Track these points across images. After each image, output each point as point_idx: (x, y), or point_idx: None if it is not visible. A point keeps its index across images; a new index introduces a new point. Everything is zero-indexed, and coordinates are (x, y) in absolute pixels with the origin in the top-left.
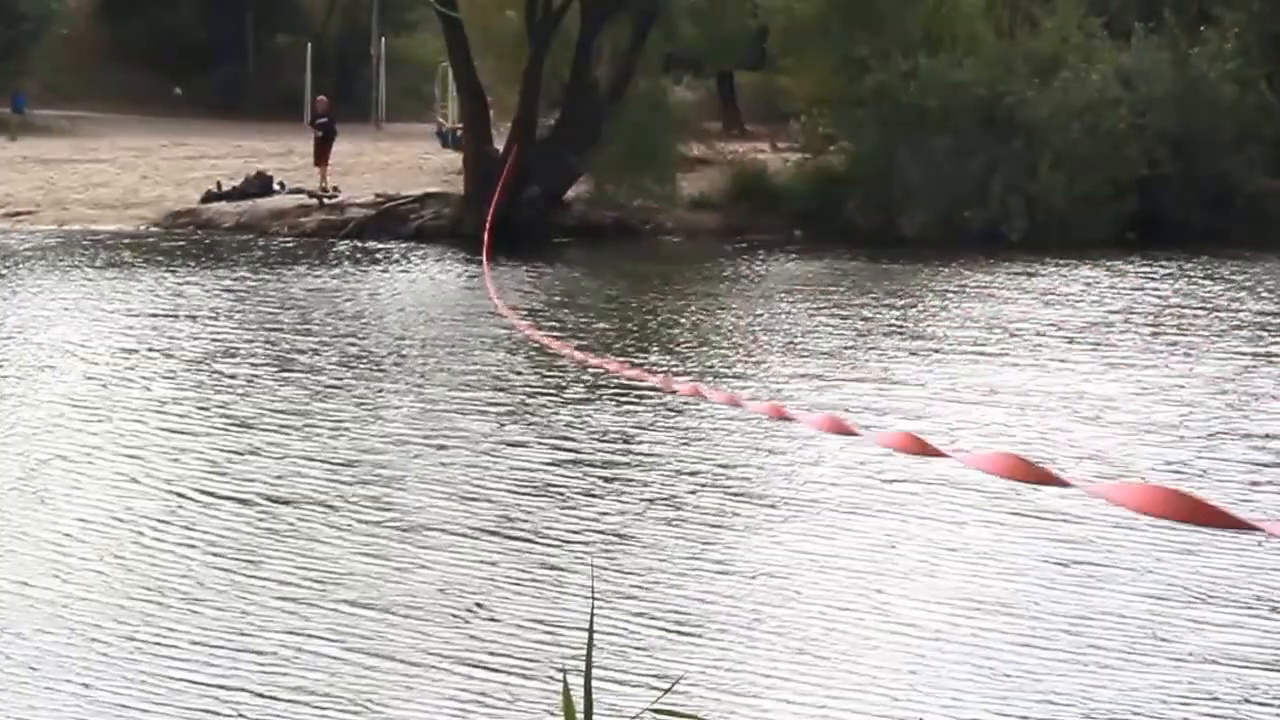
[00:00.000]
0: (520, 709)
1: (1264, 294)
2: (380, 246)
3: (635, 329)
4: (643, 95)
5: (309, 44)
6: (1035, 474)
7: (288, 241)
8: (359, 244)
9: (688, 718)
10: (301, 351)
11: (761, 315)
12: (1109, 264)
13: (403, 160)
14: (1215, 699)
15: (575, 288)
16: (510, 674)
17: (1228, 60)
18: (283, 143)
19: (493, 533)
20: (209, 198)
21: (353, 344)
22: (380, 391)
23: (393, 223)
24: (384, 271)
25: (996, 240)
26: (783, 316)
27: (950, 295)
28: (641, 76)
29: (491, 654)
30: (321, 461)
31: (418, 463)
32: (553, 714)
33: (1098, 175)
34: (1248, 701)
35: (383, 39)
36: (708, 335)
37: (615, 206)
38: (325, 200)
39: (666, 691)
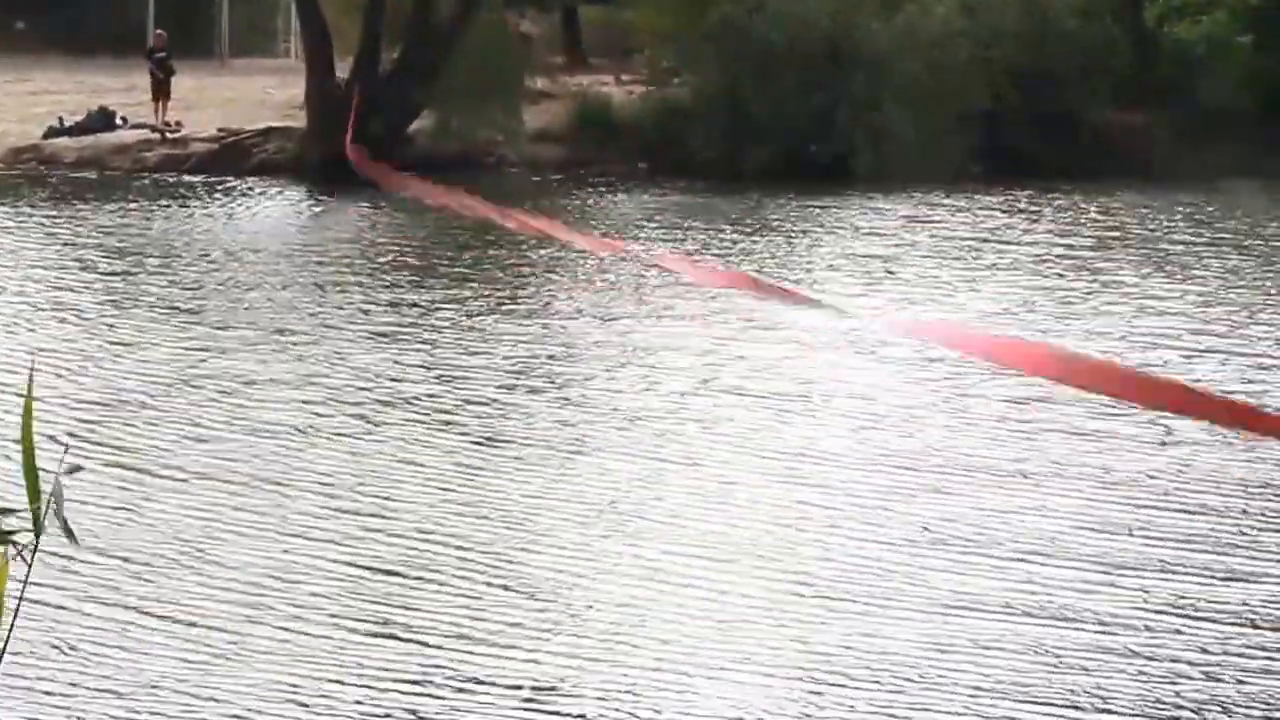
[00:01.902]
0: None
1: (1069, 226)
2: (221, 181)
3: (527, 263)
4: (485, 28)
5: None
6: (768, 289)
7: (117, 176)
8: (201, 178)
9: None
10: (77, 290)
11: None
12: (933, 198)
13: (247, 96)
14: (970, 646)
15: (419, 222)
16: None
17: None
18: (126, 78)
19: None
20: (51, 133)
21: (138, 282)
22: (144, 330)
23: (236, 157)
24: (218, 206)
25: (841, 174)
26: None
27: (771, 230)
28: (485, 10)
29: (216, 601)
30: (65, 398)
31: (162, 402)
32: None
33: (942, 108)
34: (992, 649)
35: None
36: (605, 269)
37: (458, 140)
38: (168, 135)
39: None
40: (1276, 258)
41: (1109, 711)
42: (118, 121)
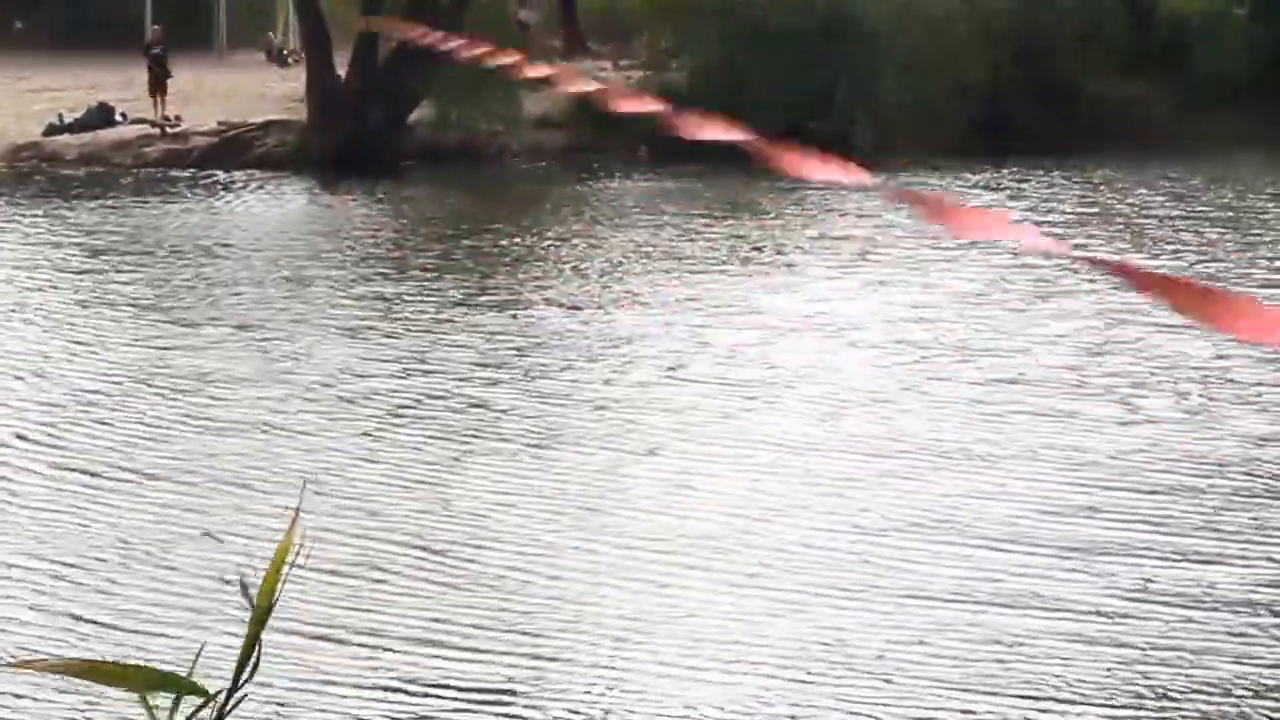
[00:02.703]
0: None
1: (1051, 202)
2: (222, 175)
3: (502, 253)
4: (484, 16)
5: None
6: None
7: (111, 172)
8: (192, 173)
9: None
10: (46, 289)
11: (616, 239)
12: (922, 175)
13: (245, 88)
14: (929, 634)
15: (432, 212)
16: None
17: None
18: (125, 74)
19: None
20: (51, 131)
21: (108, 281)
22: (108, 329)
23: (236, 151)
24: (203, 202)
25: (842, 151)
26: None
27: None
28: None
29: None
30: (23, 400)
31: (120, 402)
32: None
33: (940, 82)
34: (951, 637)
35: None
36: (582, 258)
37: (459, 129)
38: (168, 130)
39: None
40: (1257, 231)
41: (1069, 700)
42: (117, 117)
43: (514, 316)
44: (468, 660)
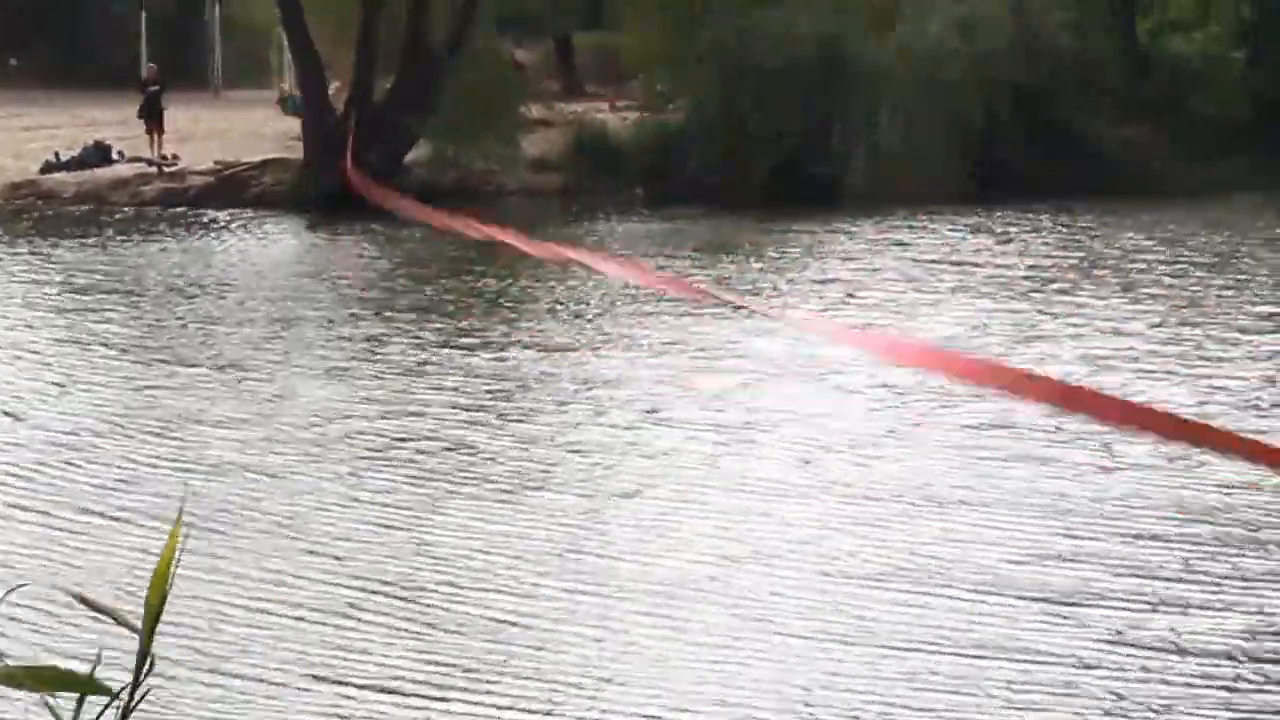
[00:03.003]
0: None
1: (1039, 247)
2: (218, 214)
3: (486, 295)
4: (480, 57)
5: (143, 11)
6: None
7: (108, 210)
8: (184, 211)
9: None
10: (33, 327)
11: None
12: (913, 220)
13: (242, 127)
14: (903, 681)
15: (420, 254)
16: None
17: (1065, 9)
18: (120, 112)
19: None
20: (47, 168)
21: (94, 320)
22: (92, 368)
23: (233, 190)
24: (194, 240)
25: (838, 193)
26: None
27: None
28: (478, 38)
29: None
30: (2, 441)
31: (102, 442)
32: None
33: (937, 126)
34: (922, 685)
35: (216, 6)
36: (563, 301)
37: (455, 169)
38: (165, 168)
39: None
40: (1244, 276)
41: None
42: (114, 156)
43: (496, 358)
44: (439, 707)
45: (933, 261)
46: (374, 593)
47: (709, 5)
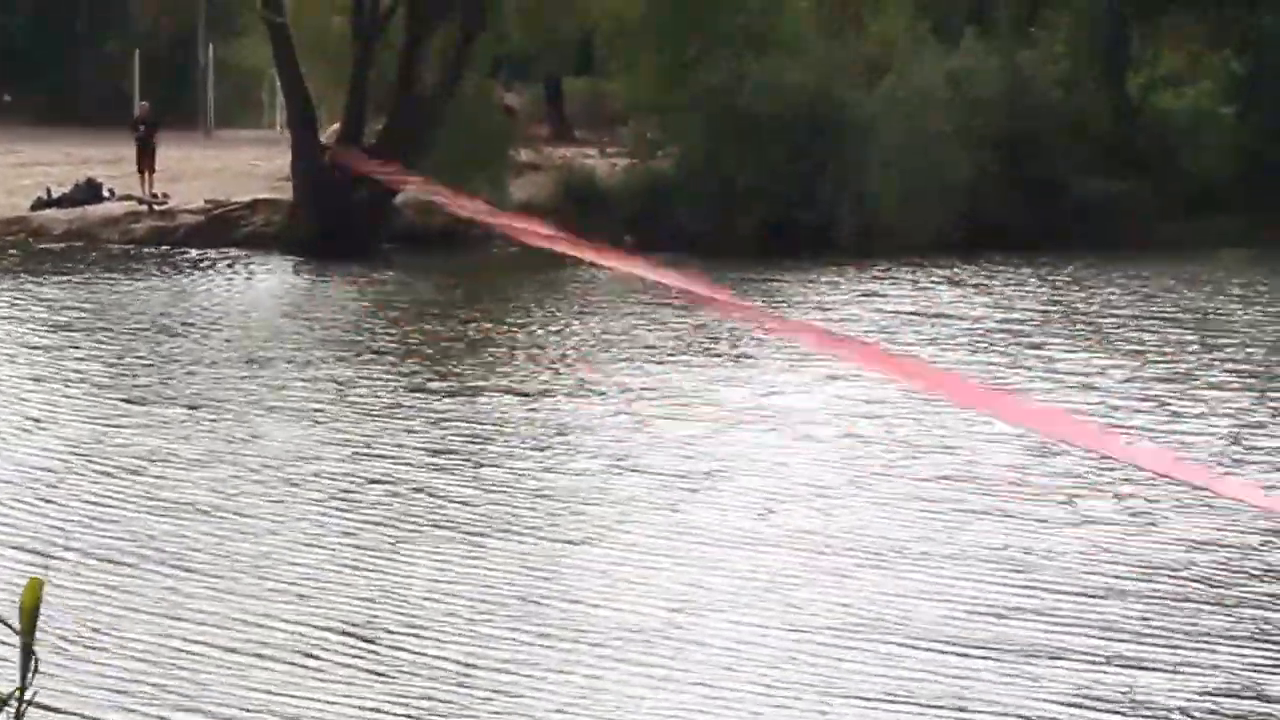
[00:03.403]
0: None
1: (1015, 299)
2: (207, 253)
3: (463, 339)
4: (470, 101)
5: (137, 50)
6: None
7: (108, 249)
8: (186, 251)
9: None
10: (13, 362)
11: (578, 327)
12: (894, 271)
13: (232, 166)
14: None
15: (398, 296)
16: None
17: (1056, 62)
18: (113, 150)
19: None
20: (38, 205)
21: (64, 357)
22: (59, 406)
23: (223, 229)
24: (175, 279)
25: (825, 242)
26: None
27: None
28: (469, 82)
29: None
30: None
31: (65, 480)
32: None
33: (924, 177)
34: None
35: (210, 45)
36: (541, 346)
37: (444, 211)
38: (155, 207)
39: None
40: (1218, 333)
41: None
42: (105, 193)
43: (466, 403)
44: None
45: (910, 313)
46: (337, 634)
47: (699, 54)
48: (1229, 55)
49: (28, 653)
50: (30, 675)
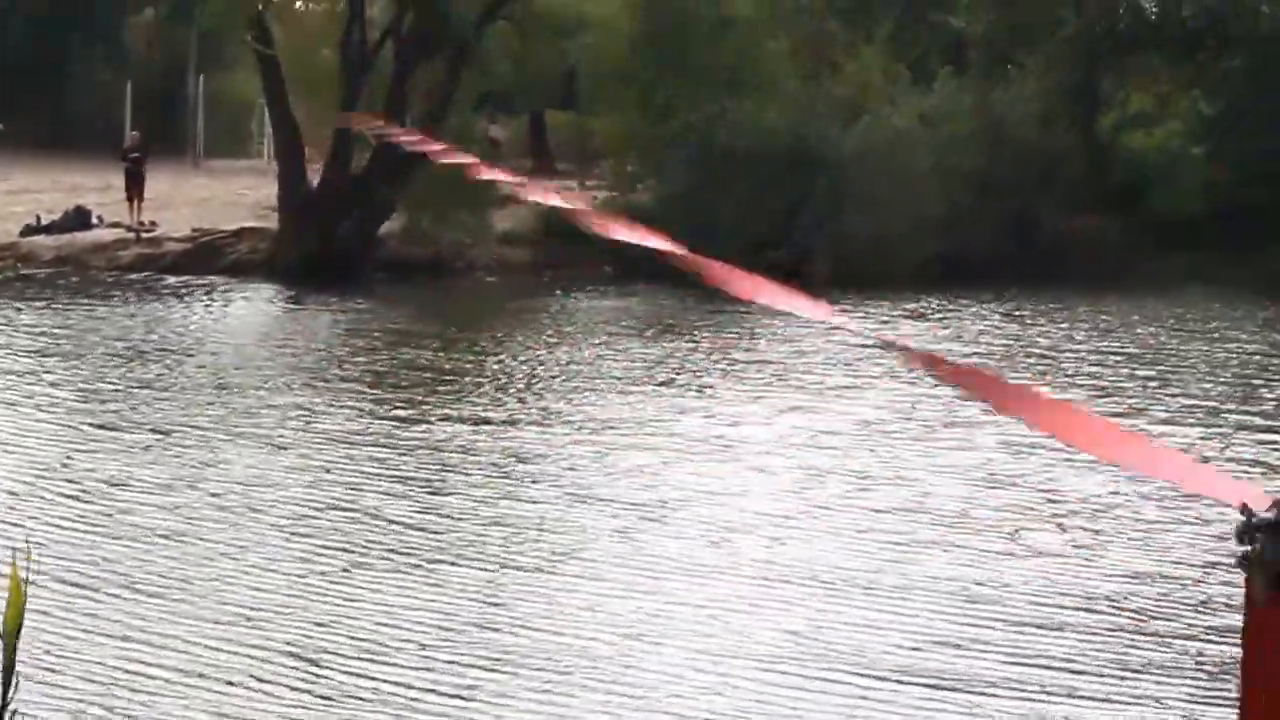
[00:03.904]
0: None
1: (975, 334)
2: (191, 280)
3: (430, 367)
4: (454, 133)
5: (129, 80)
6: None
7: (87, 274)
8: (168, 278)
9: None
10: None
11: (545, 355)
12: (861, 306)
13: (220, 196)
14: None
15: (369, 325)
16: None
17: (1028, 103)
18: (104, 178)
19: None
20: (28, 231)
21: (32, 382)
22: (22, 430)
23: (209, 257)
24: (152, 305)
25: (802, 278)
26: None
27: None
28: (455, 114)
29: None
30: None
31: (22, 504)
32: None
33: (899, 214)
34: None
35: (200, 76)
36: (510, 374)
37: (429, 242)
38: (143, 234)
39: None
40: (1170, 369)
41: None
42: (94, 220)
43: (430, 431)
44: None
45: (871, 346)
46: (285, 658)
47: (678, 93)
48: (1198, 96)
49: (9, 670)
50: (11, 692)
